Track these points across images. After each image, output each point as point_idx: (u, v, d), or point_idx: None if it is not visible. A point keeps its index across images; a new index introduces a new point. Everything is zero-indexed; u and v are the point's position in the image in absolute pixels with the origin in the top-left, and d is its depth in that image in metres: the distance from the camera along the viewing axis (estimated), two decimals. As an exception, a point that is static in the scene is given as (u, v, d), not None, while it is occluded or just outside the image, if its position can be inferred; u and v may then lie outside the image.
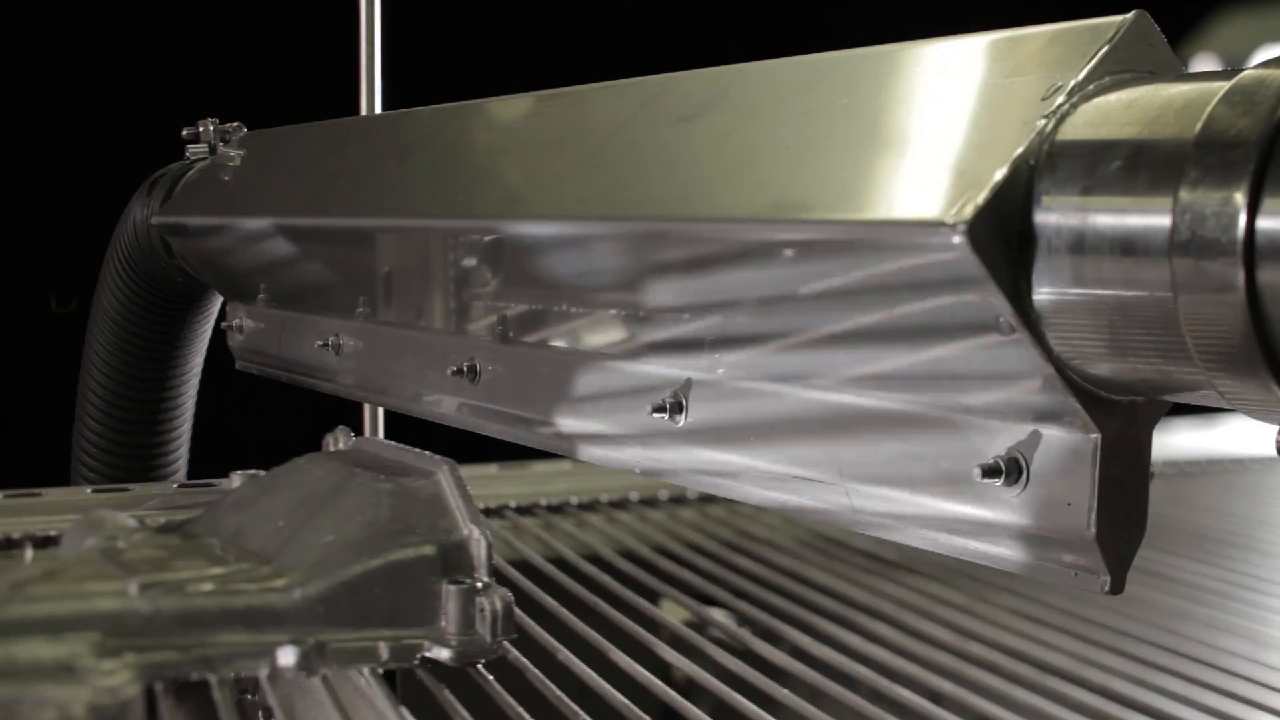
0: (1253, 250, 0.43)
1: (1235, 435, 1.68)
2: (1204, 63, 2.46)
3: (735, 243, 0.60)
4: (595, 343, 0.73)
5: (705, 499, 1.23)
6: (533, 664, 0.74)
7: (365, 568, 0.70)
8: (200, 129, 1.20)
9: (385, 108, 1.30)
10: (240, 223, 1.09)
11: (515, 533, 1.12)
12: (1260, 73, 0.45)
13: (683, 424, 0.67)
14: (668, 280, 0.67)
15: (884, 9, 2.14)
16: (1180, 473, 1.52)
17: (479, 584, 0.70)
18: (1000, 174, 0.49)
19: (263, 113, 1.20)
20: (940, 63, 0.57)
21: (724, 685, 0.76)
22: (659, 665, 0.80)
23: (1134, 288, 0.47)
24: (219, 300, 1.29)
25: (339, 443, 0.86)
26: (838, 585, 1.00)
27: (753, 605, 0.96)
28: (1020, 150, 0.49)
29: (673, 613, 0.97)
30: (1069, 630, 0.92)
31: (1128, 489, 0.51)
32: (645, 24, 2.22)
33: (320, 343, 1.01)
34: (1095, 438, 0.51)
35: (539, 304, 0.76)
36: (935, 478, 0.56)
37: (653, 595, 0.98)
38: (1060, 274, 0.49)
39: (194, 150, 1.22)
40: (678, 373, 0.67)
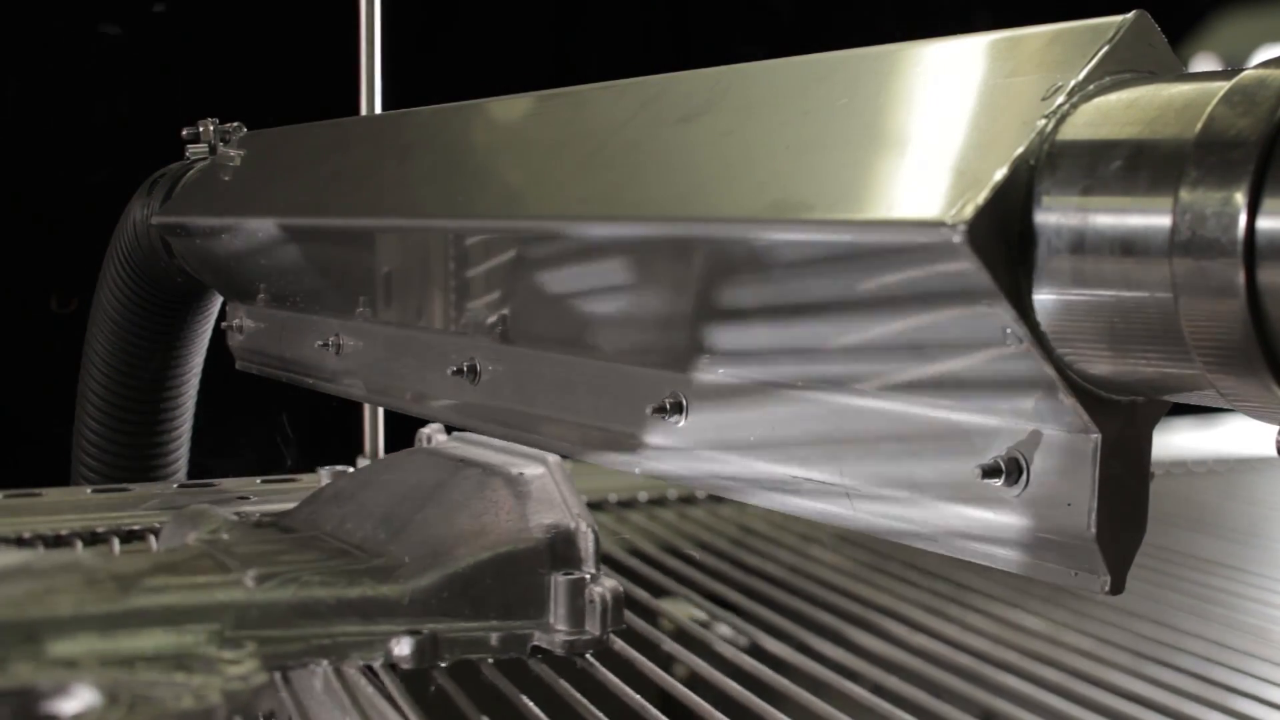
0: (1253, 250, 0.43)
1: (1235, 435, 1.68)
2: (1204, 63, 2.46)
3: (735, 243, 0.60)
4: (595, 343, 0.73)
5: (714, 498, 1.23)
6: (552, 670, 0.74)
7: (477, 559, 0.71)
8: (200, 129, 1.20)
9: (385, 108, 1.30)
10: (240, 223, 1.09)
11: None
12: (1260, 73, 0.45)
13: (682, 424, 0.67)
14: (668, 280, 0.66)
15: (884, 9, 2.14)
16: (1187, 472, 1.52)
17: (587, 575, 0.72)
18: (1000, 174, 0.49)
19: (263, 113, 1.20)
20: (940, 63, 0.57)
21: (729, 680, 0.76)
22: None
23: (1134, 288, 0.47)
24: (219, 300, 1.29)
25: (434, 439, 0.87)
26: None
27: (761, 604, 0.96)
28: (1020, 150, 0.49)
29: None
30: (1069, 630, 0.92)
31: (1128, 489, 0.51)
32: (646, 24, 2.22)
33: (320, 343, 1.01)
34: (1095, 438, 0.51)
35: (539, 304, 0.76)
36: (935, 477, 0.56)
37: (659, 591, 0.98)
38: (1060, 274, 0.49)
39: (194, 150, 1.22)
40: (678, 373, 0.67)
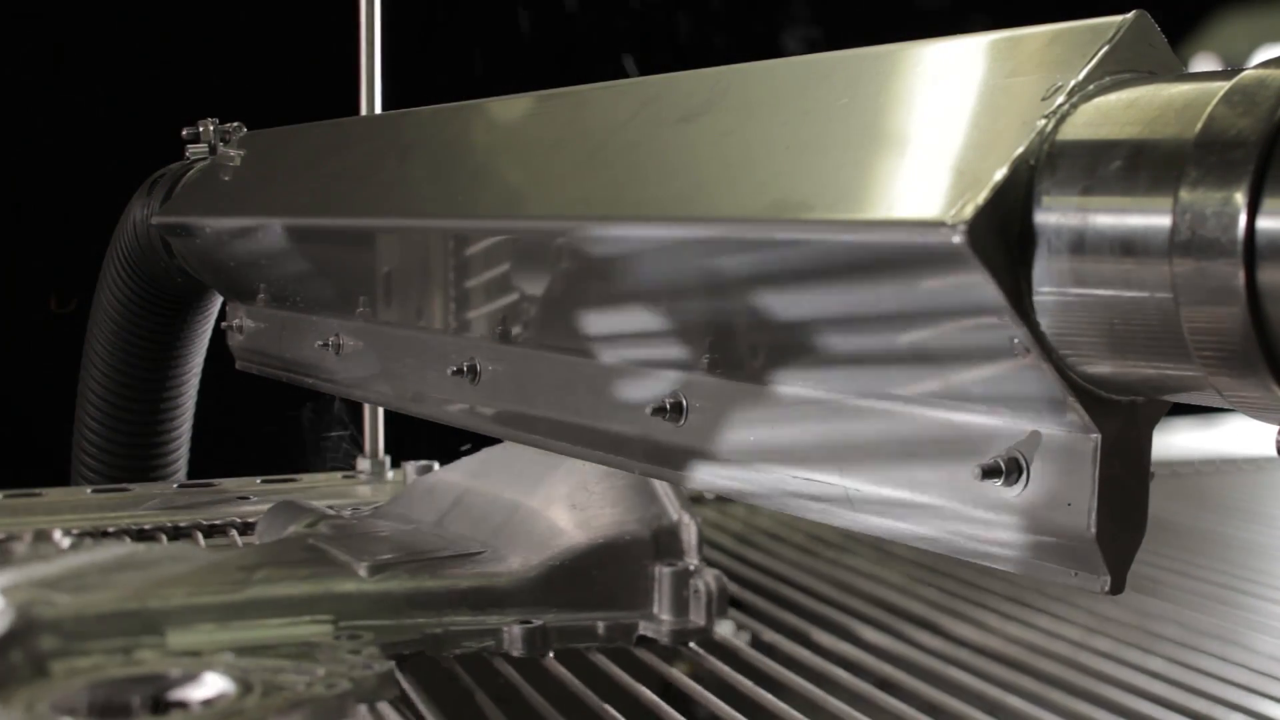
0: (1253, 250, 0.43)
1: (1235, 435, 1.68)
2: (1204, 63, 2.46)
3: (735, 243, 0.60)
4: (595, 343, 0.73)
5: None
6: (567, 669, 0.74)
7: (583, 551, 0.72)
8: (200, 129, 1.20)
9: (385, 108, 1.30)
10: (240, 223, 1.09)
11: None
12: (1260, 73, 0.45)
13: (682, 425, 0.67)
14: (668, 280, 0.66)
15: (884, 9, 2.14)
16: (1188, 472, 1.52)
17: (690, 566, 0.73)
18: (1000, 174, 0.49)
19: (263, 113, 1.20)
20: (940, 63, 0.57)
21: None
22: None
23: (1134, 288, 0.47)
24: (219, 300, 1.29)
25: None
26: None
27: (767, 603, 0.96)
28: (1020, 150, 0.49)
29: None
30: (1070, 626, 0.92)
31: (1128, 489, 0.51)
32: (646, 24, 2.22)
33: (320, 343, 1.01)
34: (1095, 438, 0.51)
35: (539, 304, 0.76)
36: (935, 478, 0.56)
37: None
38: (1060, 274, 0.49)
39: (194, 150, 1.22)
40: (678, 373, 0.67)
